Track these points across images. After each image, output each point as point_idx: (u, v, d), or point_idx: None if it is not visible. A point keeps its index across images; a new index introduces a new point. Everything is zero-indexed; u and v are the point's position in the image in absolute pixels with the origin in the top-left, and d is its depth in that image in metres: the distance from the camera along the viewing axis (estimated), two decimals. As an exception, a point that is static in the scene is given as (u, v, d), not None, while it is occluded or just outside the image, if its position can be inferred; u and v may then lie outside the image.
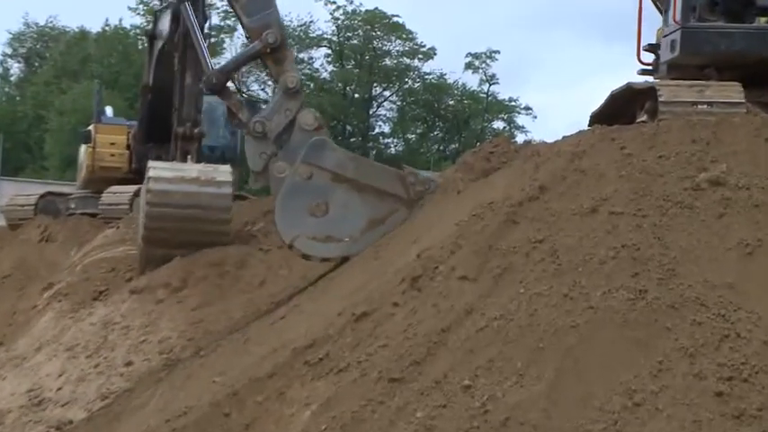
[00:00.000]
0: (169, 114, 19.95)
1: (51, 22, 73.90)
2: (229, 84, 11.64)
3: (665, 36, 13.71)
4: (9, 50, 78.02)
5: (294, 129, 10.73)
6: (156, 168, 16.32)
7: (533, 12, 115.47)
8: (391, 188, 10.80)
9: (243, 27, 11.22)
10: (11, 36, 77.14)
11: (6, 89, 75.25)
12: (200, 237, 16.00)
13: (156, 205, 15.68)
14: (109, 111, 28.39)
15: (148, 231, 16.09)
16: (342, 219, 10.72)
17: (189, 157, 19.31)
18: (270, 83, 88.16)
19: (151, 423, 9.18)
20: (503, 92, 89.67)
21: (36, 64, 74.55)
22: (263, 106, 11.40)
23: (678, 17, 13.20)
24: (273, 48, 10.76)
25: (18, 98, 70.42)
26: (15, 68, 78.73)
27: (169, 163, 18.02)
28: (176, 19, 18.16)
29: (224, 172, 16.94)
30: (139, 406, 10.52)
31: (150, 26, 23.46)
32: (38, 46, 74.73)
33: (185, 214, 15.87)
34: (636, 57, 14.16)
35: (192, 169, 17.07)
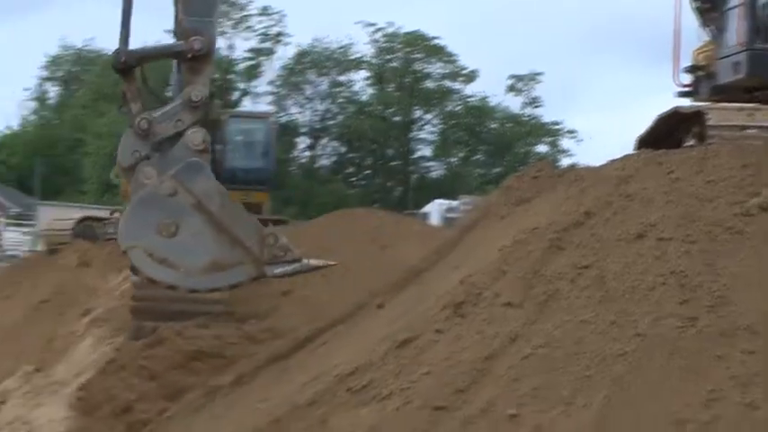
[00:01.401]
0: None
1: (88, 45, 74.61)
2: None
3: (722, 57, 13.54)
4: (46, 73, 78.91)
5: (179, 142, 10.24)
6: None
7: (578, 34, 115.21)
8: (247, 240, 10.24)
9: (176, 21, 10.65)
10: (48, 59, 78.05)
11: (44, 112, 76.00)
12: (194, 305, 15.55)
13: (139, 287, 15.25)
14: None
15: (137, 301, 15.89)
16: (186, 248, 10.14)
17: None
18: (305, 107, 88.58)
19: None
20: (546, 115, 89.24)
21: (73, 87, 75.22)
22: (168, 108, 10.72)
23: (743, 39, 13.06)
24: (195, 55, 10.29)
25: (56, 121, 71.04)
26: (53, 92, 79.62)
27: None
28: None
29: None
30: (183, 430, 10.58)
31: None
32: (75, 69, 75.43)
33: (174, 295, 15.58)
34: (673, 78, 14.04)
35: None
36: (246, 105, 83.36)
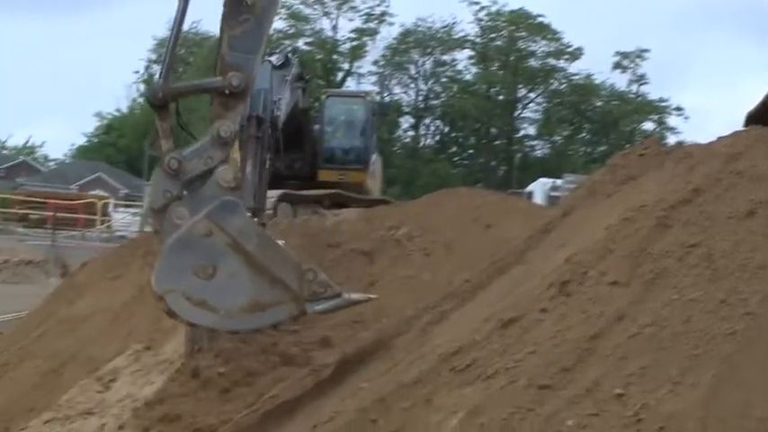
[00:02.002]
0: (298, 125, 20.01)
1: (194, 27, 75.73)
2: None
3: None
4: (154, 56, 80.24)
5: (210, 180, 9.94)
6: None
7: (686, 10, 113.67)
8: (286, 278, 9.98)
9: (218, 55, 10.26)
10: (156, 42, 79.34)
11: (152, 95, 77.20)
12: None
13: None
14: None
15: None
16: (225, 289, 9.86)
17: None
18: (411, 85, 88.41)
19: (298, 429, 9.33)
20: (653, 92, 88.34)
21: (180, 69, 76.34)
22: None
23: None
24: (232, 91, 10.01)
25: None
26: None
27: None
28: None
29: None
30: (287, 411, 10.68)
31: None
32: (182, 51, 76.61)
33: None
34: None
35: None
36: (350, 85, 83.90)
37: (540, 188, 53.91)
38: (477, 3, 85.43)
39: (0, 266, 32.79)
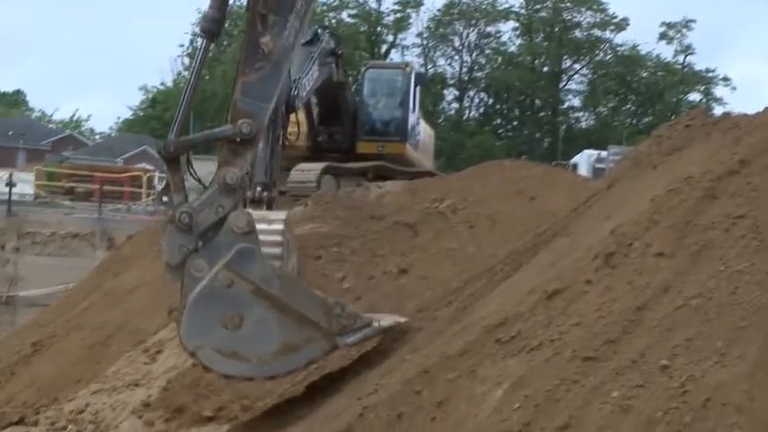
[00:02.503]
0: (335, 99, 19.92)
1: (238, 1, 75.79)
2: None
3: None
4: (198, 30, 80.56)
5: (223, 228, 9.85)
6: None
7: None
8: (314, 316, 9.94)
9: (232, 101, 10.16)
10: (200, 15, 79.63)
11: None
12: None
13: None
14: None
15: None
16: (254, 337, 9.81)
17: None
18: (455, 57, 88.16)
19: (342, 402, 9.37)
20: (699, 63, 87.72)
21: (225, 42, 76.57)
22: None
23: None
24: (243, 139, 9.91)
25: (207, 77, 72.58)
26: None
27: None
28: None
29: (278, 213, 16.81)
30: (332, 383, 10.74)
31: None
32: (227, 24, 76.77)
33: None
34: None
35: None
36: (394, 58, 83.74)
37: (584, 160, 53.70)
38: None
39: (47, 239, 33.05)
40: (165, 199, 10.02)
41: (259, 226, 15.62)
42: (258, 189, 17.02)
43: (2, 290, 32.18)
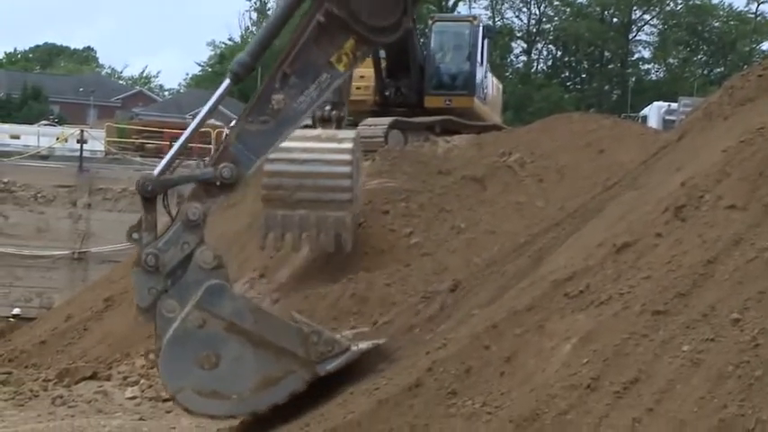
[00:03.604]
0: (402, 50, 19.84)
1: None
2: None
3: None
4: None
5: (190, 265, 9.77)
6: None
7: None
8: (291, 346, 9.82)
9: (224, 141, 10.12)
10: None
11: (264, 23, 77.97)
12: (319, 193, 15.48)
13: (272, 161, 14.66)
14: None
15: (267, 190, 15.65)
16: (232, 374, 9.75)
17: None
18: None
19: (413, 356, 9.40)
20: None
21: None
22: None
23: None
24: (223, 183, 9.80)
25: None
26: (272, 2, 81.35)
27: None
28: None
29: (347, 132, 16.68)
30: (400, 337, 10.78)
31: None
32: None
33: (303, 170, 15.39)
34: None
35: (314, 130, 16.47)
36: (461, 11, 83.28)
37: (654, 112, 53.09)
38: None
39: (118, 196, 33.30)
40: (135, 236, 9.99)
41: (329, 145, 15.76)
42: (327, 108, 16.96)
43: (74, 246, 32.56)
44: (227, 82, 10.19)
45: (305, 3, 10.05)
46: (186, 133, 10.40)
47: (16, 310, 30.65)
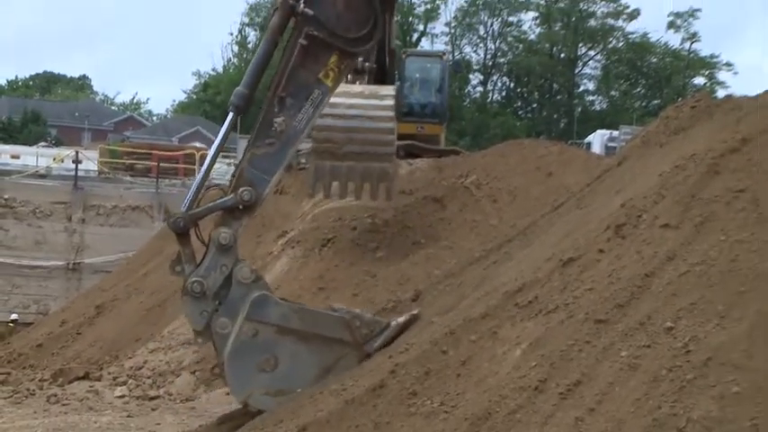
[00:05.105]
0: (382, 71, 19.99)
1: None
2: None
3: None
4: (247, 20, 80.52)
5: (232, 283, 9.89)
6: None
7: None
8: (337, 334, 9.94)
9: (237, 168, 10.20)
10: (248, 6, 79.65)
11: (245, 55, 77.59)
12: (365, 146, 15.67)
13: (323, 116, 14.74)
14: None
15: (317, 143, 15.82)
16: (292, 371, 9.85)
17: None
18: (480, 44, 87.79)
19: (377, 359, 9.38)
20: (704, 49, 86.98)
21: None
22: None
23: None
24: (244, 206, 9.90)
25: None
26: (252, 36, 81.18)
27: None
28: None
29: (388, 87, 16.78)
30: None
31: None
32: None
33: (350, 125, 15.57)
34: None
35: (356, 86, 16.79)
36: (424, 45, 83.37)
37: (598, 139, 53.33)
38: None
39: (109, 211, 33.16)
40: (177, 269, 10.05)
41: (372, 102, 15.80)
42: (360, 59, 17.10)
43: (69, 257, 32.38)
44: (230, 115, 10.23)
45: (286, 31, 10.09)
46: (204, 168, 10.37)
47: (14, 316, 30.42)
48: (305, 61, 9.99)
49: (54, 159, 47.32)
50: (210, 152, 10.51)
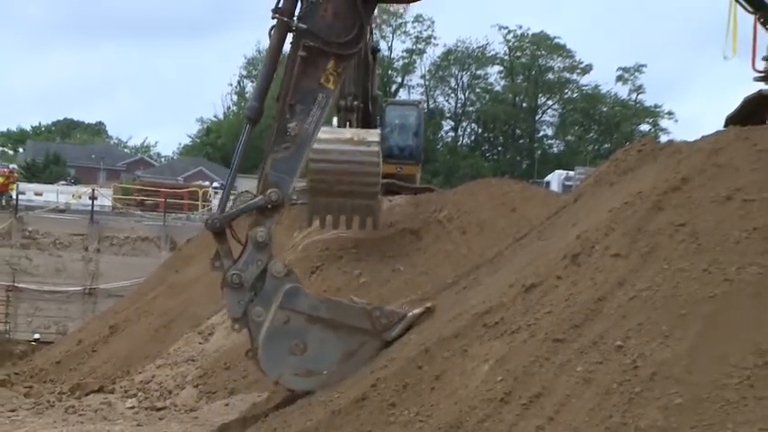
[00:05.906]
0: (365, 115, 20.27)
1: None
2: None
3: None
4: (245, 72, 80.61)
5: (267, 276, 9.96)
6: None
7: (685, 31, 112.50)
8: (360, 323, 9.99)
9: (262, 173, 10.22)
10: (246, 60, 79.81)
11: (243, 103, 77.67)
12: (353, 187, 16.09)
13: (317, 161, 15.66)
14: None
15: (313, 183, 16.20)
16: (319, 354, 9.92)
17: (348, 124, 19.33)
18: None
19: (358, 373, 9.35)
20: (649, 100, 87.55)
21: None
22: None
23: None
24: (273, 205, 10.00)
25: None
26: (250, 86, 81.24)
27: (329, 127, 17.78)
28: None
29: (373, 134, 17.03)
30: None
31: None
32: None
33: (341, 168, 15.97)
34: (751, 65, 13.39)
35: (347, 132, 17.21)
36: (402, 95, 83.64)
37: (556, 178, 53.47)
38: (506, 27, 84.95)
39: (122, 242, 33.02)
40: (217, 264, 10.15)
41: (360, 148, 16.19)
42: (350, 98, 17.40)
43: (86, 283, 32.21)
44: (246, 127, 10.36)
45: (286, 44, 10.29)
46: (230, 176, 10.55)
47: (37, 336, 30.20)
48: (306, 70, 10.14)
49: (72, 196, 47.08)
50: (233, 164, 10.61)
